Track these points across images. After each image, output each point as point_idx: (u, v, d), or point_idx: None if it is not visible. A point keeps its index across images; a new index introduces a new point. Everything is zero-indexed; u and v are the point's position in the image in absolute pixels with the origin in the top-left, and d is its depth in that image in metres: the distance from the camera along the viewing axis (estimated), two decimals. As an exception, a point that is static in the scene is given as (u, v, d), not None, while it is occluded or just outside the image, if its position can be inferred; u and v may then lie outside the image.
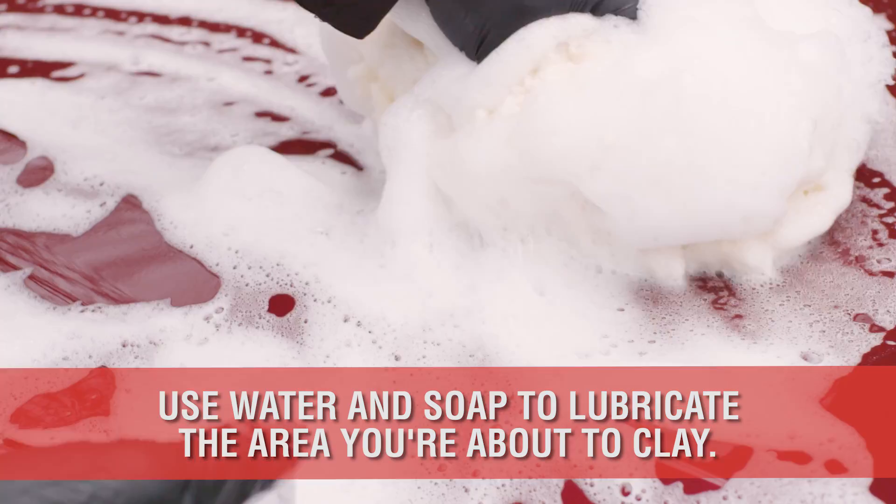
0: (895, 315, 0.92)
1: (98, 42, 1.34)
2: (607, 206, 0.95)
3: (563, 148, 0.94)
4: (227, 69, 1.28)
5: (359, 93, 1.11)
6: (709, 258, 1.00)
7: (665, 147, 0.92)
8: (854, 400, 0.86)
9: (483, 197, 0.98)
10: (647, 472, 0.82)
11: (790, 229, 0.98)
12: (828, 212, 0.99)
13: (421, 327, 0.93)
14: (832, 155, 0.99)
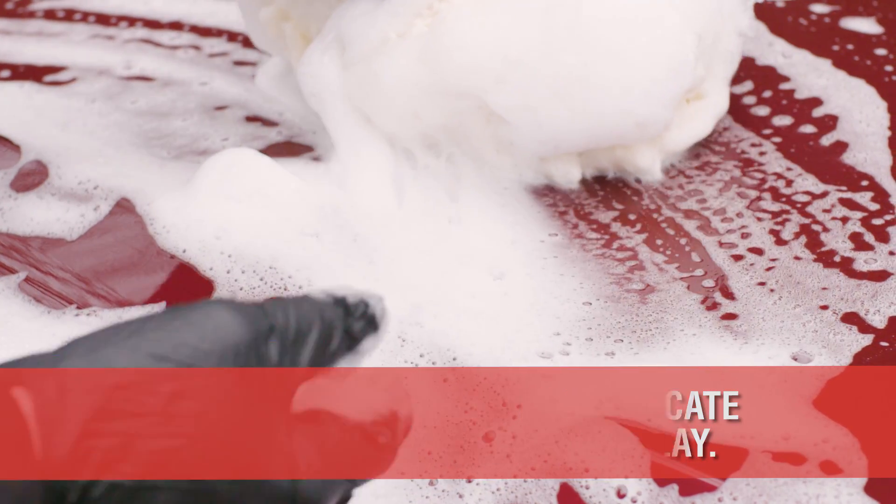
0: (885, 315, 0.92)
1: (90, 47, 1.34)
2: (511, 118, 1.03)
3: (470, 62, 1.02)
4: (218, 73, 1.28)
5: (271, 34, 1.17)
6: (603, 163, 1.09)
7: (565, 61, 1.01)
8: (847, 401, 0.86)
9: (398, 112, 1.04)
10: (643, 473, 0.82)
11: (676, 134, 1.08)
12: (708, 118, 1.11)
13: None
14: (711, 65, 1.10)
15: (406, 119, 1.06)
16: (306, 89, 1.09)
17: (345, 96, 1.08)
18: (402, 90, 1.04)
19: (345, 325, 0.69)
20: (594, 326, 0.93)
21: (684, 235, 1.01)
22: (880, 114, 1.14)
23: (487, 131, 1.06)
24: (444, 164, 1.08)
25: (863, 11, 1.30)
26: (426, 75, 1.03)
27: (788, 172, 1.08)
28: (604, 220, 1.04)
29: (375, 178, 1.08)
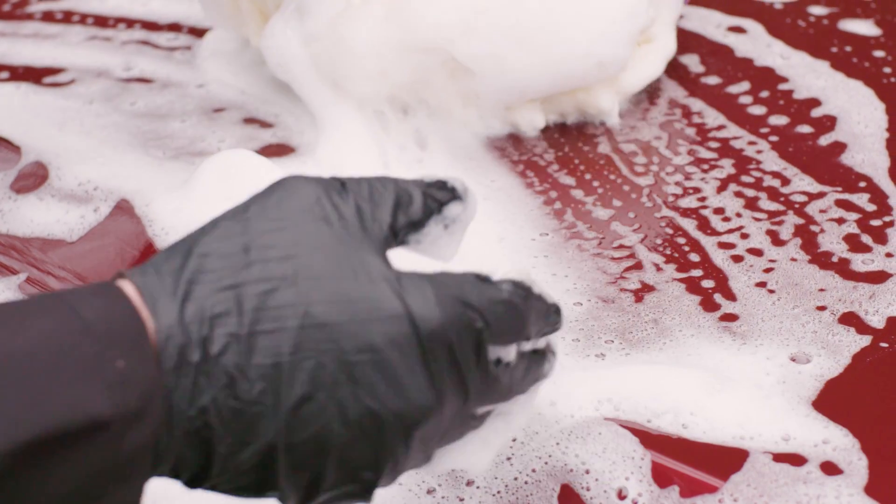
0: (883, 316, 0.92)
1: (88, 48, 1.34)
2: (478, 67, 1.09)
3: (436, 16, 1.07)
4: (215, 76, 1.28)
5: (227, 10, 1.21)
6: (565, 108, 1.16)
7: (528, 7, 1.08)
8: (846, 401, 0.86)
9: (367, 73, 1.09)
10: (644, 475, 0.82)
11: (630, 76, 1.17)
12: (659, 60, 1.20)
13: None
14: (659, 9, 1.17)
15: (376, 80, 1.10)
16: (272, 61, 1.13)
17: (312, 65, 1.11)
18: (370, 51, 1.08)
19: (423, 190, 0.72)
20: (585, 327, 0.93)
21: (683, 235, 1.02)
22: (878, 115, 1.15)
23: (453, 86, 1.11)
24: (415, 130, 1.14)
25: (861, 13, 1.31)
26: (394, 33, 1.07)
27: (786, 173, 1.08)
28: (602, 217, 1.05)
29: (354, 143, 1.12)
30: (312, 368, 0.63)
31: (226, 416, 0.62)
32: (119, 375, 0.59)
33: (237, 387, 0.62)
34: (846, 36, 1.27)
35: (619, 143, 1.14)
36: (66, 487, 0.58)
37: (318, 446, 0.64)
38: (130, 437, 0.59)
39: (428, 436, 0.68)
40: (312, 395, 0.63)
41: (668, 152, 1.12)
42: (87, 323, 0.60)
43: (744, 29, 1.29)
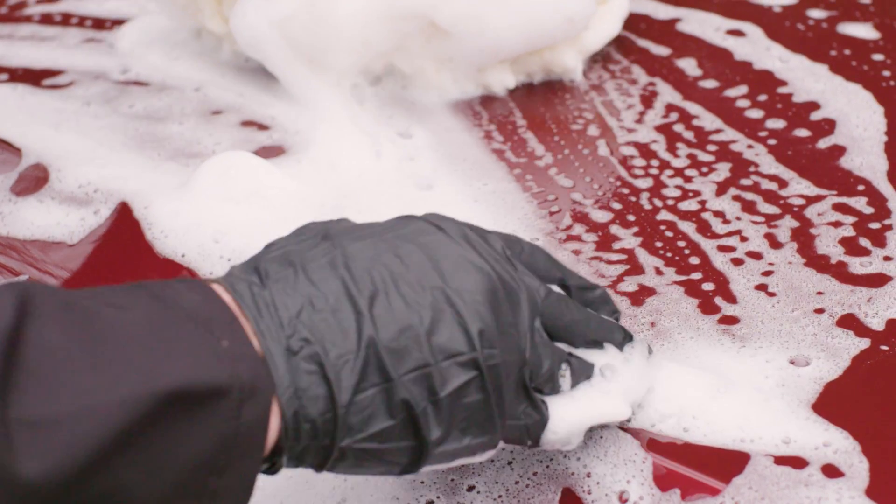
0: (882, 319, 0.92)
1: (85, 51, 1.34)
2: (458, 29, 1.16)
3: None
4: (212, 79, 1.28)
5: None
6: (532, 68, 1.25)
7: None
8: (845, 404, 0.86)
9: (349, 44, 1.16)
10: (645, 478, 0.82)
11: (591, 35, 1.25)
12: (615, 19, 1.28)
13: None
14: None
15: (358, 51, 1.17)
16: (243, 40, 1.18)
17: (286, 43, 1.16)
18: (354, 23, 1.14)
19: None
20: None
21: (683, 238, 1.02)
22: (877, 118, 1.15)
23: (428, 50, 1.19)
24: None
25: (860, 17, 1.31)
26: (378, 3, 1.15)
27: (785, 176, 1.08)
28: (601, 220, 1.05)
29: (334, 121, 1.17)
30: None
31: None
32: (226, 352, 0.65)
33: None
34: (845, 39, 1.27)
35: (620, 145, 1.14)
36: (194, 453, 0.64)
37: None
38: (247, 409, 0.65)
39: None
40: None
41: (667, 155, 1.12)
42: (188, 311, 0.67)
43: (743, 32, 1.29)
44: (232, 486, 0.66)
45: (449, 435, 0.73)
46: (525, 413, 0.77)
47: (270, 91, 1.23)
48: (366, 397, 0.70)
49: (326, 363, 0.69)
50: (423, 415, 0.72)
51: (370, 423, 0.71)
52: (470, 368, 0.73)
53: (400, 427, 0.71)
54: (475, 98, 1.22)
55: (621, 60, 1.27)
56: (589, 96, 1.22)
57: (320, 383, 0.69)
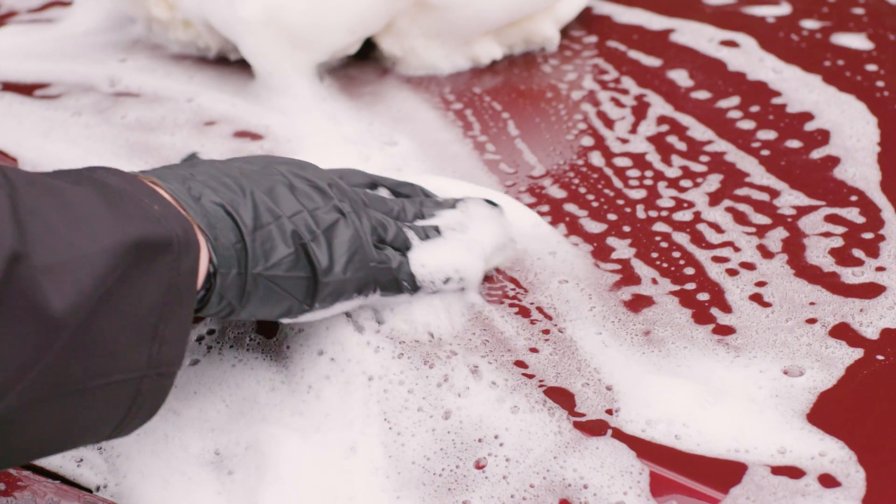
0: (875, 328, 0.92)
1: (74, 62, 1.33)
2: (448, 1, 1.24)
3: None
4: (204, 90, 1.27)
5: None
6: (513, 39, 1.32)
7: None
8: (840, 414, 0.86)
9: (346, 23, 1.22)
10: (642, 489, 0.82)
11: (564, 6, 1.33)
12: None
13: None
14: None
15: (354, 30, 1.23)
16: (217, 23, 1.23)
17: (274, 26, 1.20)
18: (352, 5, 1.22)
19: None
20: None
21: (677, 249, 1.02)
22: (870, 129, 1.15)
23: (416, 26, 1.26)
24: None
25: (853, 27, 1.31)
26: None
27: (778, 187, 1.08)
28: (595, 230, 1.05)
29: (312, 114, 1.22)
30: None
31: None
32: (160, 214, 0.77)
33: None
34: (839, 50, 1.28)
35: (613, 156, 1.14)
36: (150, 300, 0.75)
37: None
38: (183, 260, 0.77)
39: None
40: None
41: (662, 166, 1.12)
42: (118, 188, 0.77)
43: (736, 43, 1.29)
44: (174, 331, 0.78)
45: (333, 265, 0.87)
46: (388, 257, 0.92)
47: (261, 101, 1.23)
48: (264, 231, 0.85)
49: (226, 203, 0.84)
50: (311, 244, 0.86)
51: (272, 253, 0.85)
52: (334, 212, 0.89)
53: (295, 257, 0.86)
54: (465, 107, 1.22)
55: (611, 71, 1.27)
56: (582, 107, 1.22)
57: (226, 217, 0.83)
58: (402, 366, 0.90)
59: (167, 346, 0.78)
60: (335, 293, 0.88)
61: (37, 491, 0.88)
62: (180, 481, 0.89)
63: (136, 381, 0.76)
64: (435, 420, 0.88)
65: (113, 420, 0.77)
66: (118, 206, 0.75)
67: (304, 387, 0.91)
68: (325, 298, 0.88)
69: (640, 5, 1.37)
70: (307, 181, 0.90)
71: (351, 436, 0.88)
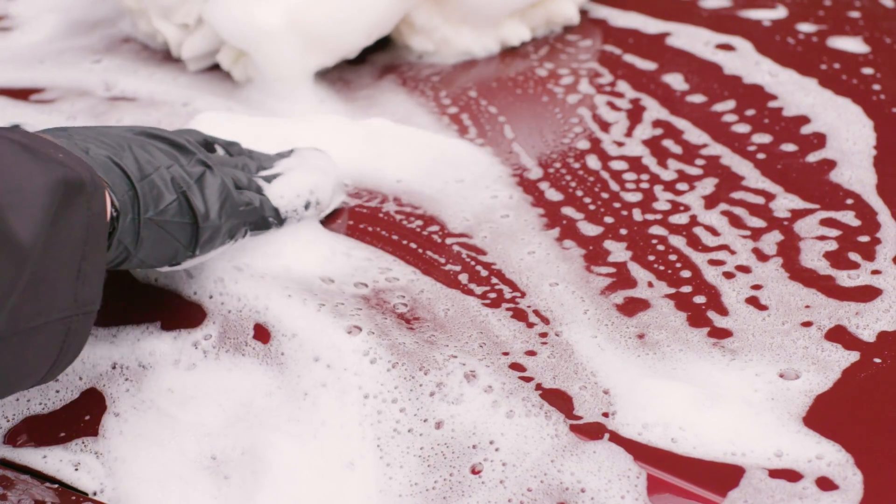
0: (872, 331, 0.93)
1: (67, 69, 1.33)
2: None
3: None
4: (199, 94, 1.27)
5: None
6: (537, 21, 1.35)
7: None
8: (836, 417, 0.86)
9: (364, 24, 1.25)
10: (640, 493, 0.82)
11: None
12: None
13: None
14: None
15: (371, 31, 1.26)
16: (229, 31, 1.23)
17: (294, 34, 1.22)
18: (372, 6, 1.24)
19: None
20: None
21: (674, 252, 1.02)
22: (867, 132, 1.15)
23: (438, 17, 1.30)
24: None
25: (850, 31, 1.31)
26: None
27: (775, 190, 1.08)
28: (592, 233, 1.05)
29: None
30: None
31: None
32: (67, 160, 0.81)
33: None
34: (835, 53, 1.28)
35: (609, 159, 1.14)
36: (74, 239, 0.79)
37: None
38: (94, 201, 0.81)
39: None
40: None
41: (658, 169, 1.12)
42: (23, 143, 0.80)
43: (732, 46, 1.29)
44: (93, 269, 0.82)
45: (209, 211, 0.93)
46: (250, 198, 0.98)
47: (255, 105, 1.24)
48: (149, 180, 0.90)
49: (112, 155, 0.89)
50: (189, 191, 0.92)
51: (160, 199, 0.90)
52: (199, 165, 0.95)
53: (178, 203, 0.91)
54: (461, 110, 1.22)
55: (606, 75, 1.27)
56: (578, 111, 1.22)
57: (114, 167, 0.88)
58: (396, 379, 0.91)
59: (88, 285, 0.82)
60: (212, 238, 0.94)
61: (35, 495, 0.88)
62: (177, 486, 0.89)
63: (67, 320, 0.80)
64: (428, 426, 0.88)
65: (47, 362, 0.81)
66: (34, 155, 0.79)
67: (300, 393, 0.91)
68: (205, 244, 0.94)
69: (636, 9, 1.37)
70: (168, 141, 0.96)
71: (348, 451, 0.88)
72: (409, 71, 1.30)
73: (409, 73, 1.29)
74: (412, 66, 1.30)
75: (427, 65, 1.31)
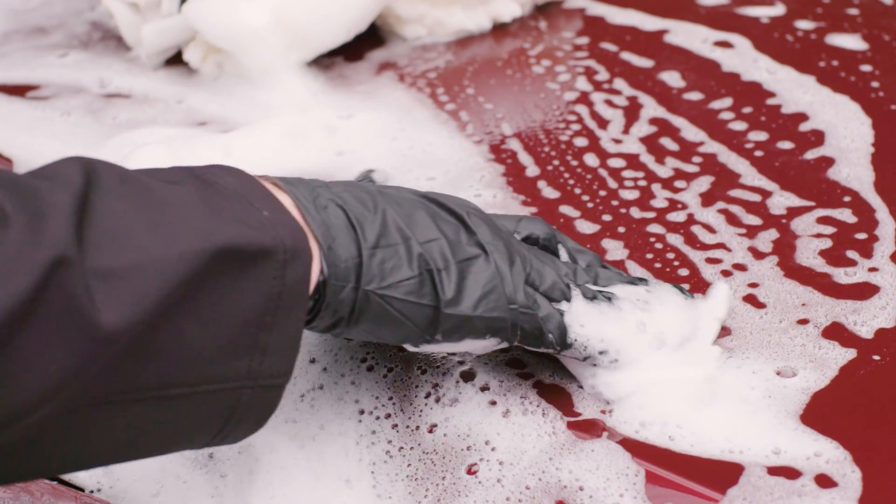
0: (870, 328, 0.92)
1: (61, 66, 1.33)
2: None
3: None
4: (193, 91, 1.27)
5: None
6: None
7: None
8: (834, 414, 0.86)
9: (346, 19, 1.25)
10: (638, 492, 0.82)
11: None
12: None
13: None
14: None
15: (351, 26, 1.27)
16: (205, 27, 1.23)
17: (280, 30, 1.22)
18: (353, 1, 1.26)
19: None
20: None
21: (671, 250, 1.01)
22: (865, 130, 1.15)
23: (425, 3, 1.32)
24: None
25: (848, 28, 1.31)
26: None
27: (772, 187, 1.08)
28: (589, 231, 1.04)
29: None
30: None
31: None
32: (268, 220, 0.74)
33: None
34: (833, 50, 1.27)
35: (607, 156, 1.14)
36: (244, 309, 0.72)
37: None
38: (290, 270, 0.74)
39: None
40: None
41: (655, 167, 1.12)
42: (229, 189, 0.75)
43: (730, 44, 1.29)
44: (280, 341, 0.75)
45: (461, 298, 0.82)
46: (536, 303, 0.85)
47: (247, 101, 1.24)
48: (388, 249, 0.80)
49: (352, 216, 0.80)
50: (439, 272, 0.81)
51: (393, 273, 0.80)
52: (476, 247, 0.84)
53: (418, 282, 0.81)
54: (459, 108, 1.22)
55: (602, 72, 1.27)
56: (575, 108, 1.22)
57: (348, 229, 0.79)
58: (391, 388, 0.90)
59: (270, 357, 0.75)
60: (461, 329, 0.83)
61: (33, 492, 0.88)
62: (174, 484, 0.88)
63: (232, 391, 0.74)
64: (421, 433, 0.88)
65: (209, 430, 0.75)
66: (217, 209, 0.72)
67: (297, 395, 0.90)
68: (449, 332, 0.82)
69: (633, 6, 1.37)
70: (453, 213, 0.85)
71: (347, 453, 0.88)
72: (406, 67, 1.29)
73: (407, 69, 1.29)
74: (410, 62, 1.30)
75: (424, 59, 1.31)
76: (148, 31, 1.28)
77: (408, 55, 1.31)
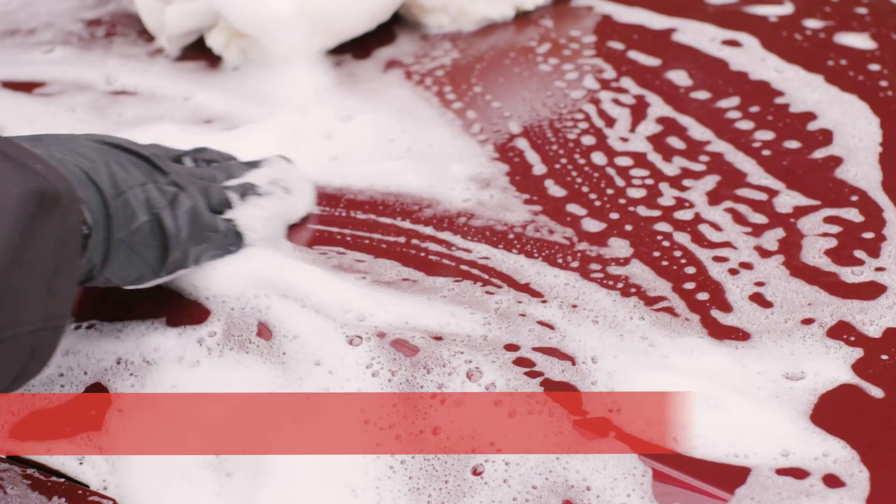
0: (878, 328, 0.92)
1: (67, 63, 1.33)
2: None
3: None
4: (199, 88, 1.27)
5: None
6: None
7: None
8: (841, 414, 0.86)
9: (368, 8, 1.28)
10: (645, 492, 0.82)
11: None
12: None
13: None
14: None
15: (374, 15, 1.29)
16: (234, 14, 1.25)
17: (304, 18, 1.24)
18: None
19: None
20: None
21: (678, 248, 1.01)
22: (873, 129, 1.15)
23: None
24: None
25: (857, 27, 1.31)
26: None
27: (780, 186, 1.08)
28: (596, 229, 1.04)
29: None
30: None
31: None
32: (46, 172, 0.80)
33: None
34: (841, 49, 1.27)
35: (614, 155, 1.14)
36: (47, 252, 0.78)
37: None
38: (70, 215, 0.80)
39: None
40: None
41: (662, 165, 1.12)
42: (3, 150, 0.79)
43: (738, 42, 1.29)
44: (65, 284, 0.81)
45: (180, 234, 0.92)
46: (217, 224, 0.97)
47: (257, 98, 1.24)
48: (123, 197, 0.88)
49: (87, 170, 0.87)
50: (162, 212, 0.90)
51: (133, 219, 0.88)
52: (173, 185, 0.93)
53: (150, 224, 0.89)
54: (466, 107, 1.22)
55: (609, 71, 1.27)
56: (582, 106, 1.22)
57: (89, 182, 0.86)
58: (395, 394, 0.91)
59: (59, 300, 0.81)
60: (178, 261, 0.93)
61: (40, 489, 0.88)
62: (180, 483, 0.89)
63: (34, 333, 0.79)
64: (424, 437, 0.89)
65: (10, 373, 0.80)
66: (15, 163, 0.78)
67: (303, 396, 0.90)
68: (172, 266, 0.93)
69: (641, 4, 1.37)
70: (142, 157, 0.93)
71: (353, 476, 0.88)
72: (414, 64, 1.29)
73: (415, 66, 1.29)
74: (417, 60, 1.30)
75: (431, 58, 1.31)
76: (172, 13, 1.29)
77: (415, 53, 1.31)
